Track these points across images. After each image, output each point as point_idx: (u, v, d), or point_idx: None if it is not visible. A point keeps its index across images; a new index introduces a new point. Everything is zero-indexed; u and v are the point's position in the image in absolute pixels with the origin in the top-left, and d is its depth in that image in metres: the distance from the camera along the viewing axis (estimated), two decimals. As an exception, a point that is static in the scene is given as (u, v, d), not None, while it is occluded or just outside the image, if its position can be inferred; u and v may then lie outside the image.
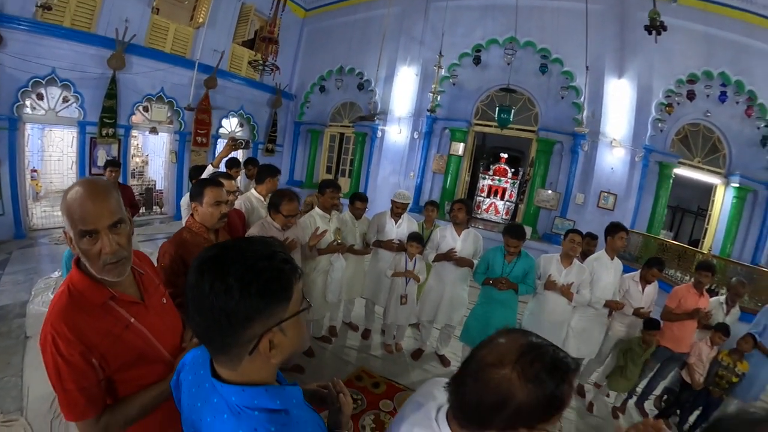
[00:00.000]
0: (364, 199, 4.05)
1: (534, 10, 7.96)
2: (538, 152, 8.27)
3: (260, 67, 8.38)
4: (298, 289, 0.80)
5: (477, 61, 8.41)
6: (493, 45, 8.34)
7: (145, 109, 7.91)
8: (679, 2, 7.52)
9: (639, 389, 4.01)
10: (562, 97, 7.99)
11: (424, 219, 4.38)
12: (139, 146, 9.89)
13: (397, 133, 9.01)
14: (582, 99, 7.72)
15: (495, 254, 3.57)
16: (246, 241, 0.82)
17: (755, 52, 7.70)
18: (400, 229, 4.04)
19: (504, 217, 9.26)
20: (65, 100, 6.77)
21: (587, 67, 7.38)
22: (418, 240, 3.79)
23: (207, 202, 2.06)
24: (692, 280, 3.90)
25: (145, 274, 1.30)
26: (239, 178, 4.60)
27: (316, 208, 3.56)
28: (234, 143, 3.42)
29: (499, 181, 9.33)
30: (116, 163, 4.48)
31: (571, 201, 7.99)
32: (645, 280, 3.80)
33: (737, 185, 8.27)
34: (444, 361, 4.06)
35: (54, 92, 6.62)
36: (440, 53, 7.90)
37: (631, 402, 4.04)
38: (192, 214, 2.13)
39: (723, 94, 7.93)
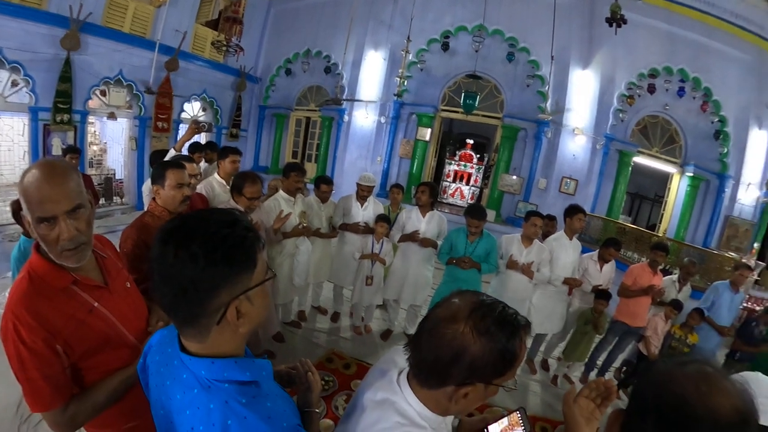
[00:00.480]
0: (329, 181, 4.03)
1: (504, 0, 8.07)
2: (502, 138, 8.44)
3: (224, 48, 8.09)
4: (262, 258, 0.79)
5: (445, 47, 8.44)
6: (461, 32, 8.39)
7: (103, 93, 7.45)
8: (645, 0, 7.83)
9: (599, 362, 4.21)
10: (528, 86, 8.17)
11: (390, 202, 4.42)
12: (97, 133, 9.26)
13: (364, 118, 8.95)
14: (547, 88, 7.90)
15: (458, 235, 3.66)
16: (208, 211, 0.82)
17: (713, 52, 8.22)
18: (366, 212, 4.04)
19: (469, 201, 9.40)
20: (14, 84, 6.31)
21: (552, 57, 7.53)
22: (385, 220, 3.86)
23: (169, 184, 2.01)
24: (647, 260, 4.13)
25: (107, 258, 1.26)
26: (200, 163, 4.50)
27: (281, 192, 3.54)
28: (197, 126, 3.30)
29: (465, 166, 9.47)
30: (75, 150, 4.28)
31: (534, 186, 8.23)
32: (603, 260, 4.01)
33: (691, 174, 8.80)
34: None
35: (2, 75, 6.14)
36: (408, 38, 7.84)
37: (593, 374, 4.25)
38: (154, 198, 2.09)
39: (681, 89, 8.38)
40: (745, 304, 4.71)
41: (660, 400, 0.67)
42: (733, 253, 8.09)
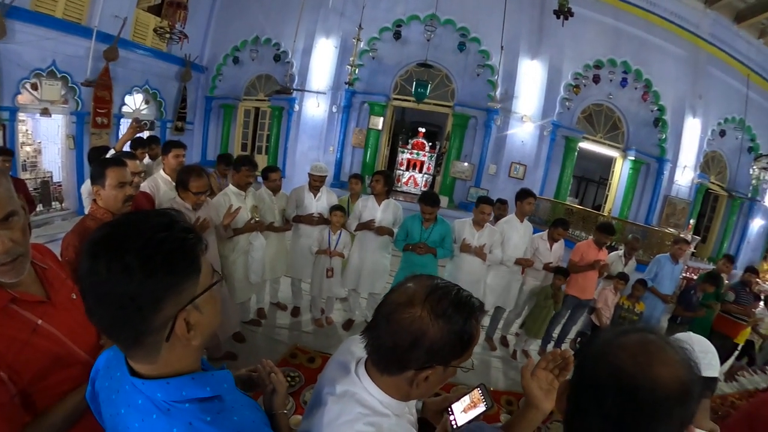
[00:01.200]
0: (276, 169, 3.91)
1: None
2: (453, 126, 8.60)
3: (167, 36, 7.64)
4: (206, 261, 0.72)
5: (397, 36, 8.42)
6: (414, 21, 8.39)
7: (34, 87, 6.62)
8: None
9: (555, 335, 4.43)
10: (478, 75, 8.33)
11: (349, 193, 4.38)
12: (29, 132, 8.24)
13: (315, 107, 8.79)
14: (497, 77, 8.11)
15: (413, 221, 3.72)
16: (140, 214, 0.71)
17: (654, 46, 8.85)
18: (319, 202, 3.96)
19: (423, 188, 9.52)
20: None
21: (502, 48, 7.76)
22: (340, 209, 3.85)
23: (110, 184, 1.89)
24: (592, 237, 4.38)
25: (48, 269, 1.12)
26: (144, 159, 4.24)
27: (231, 186, 3.40)
28: (138, 125, 3.12)
29: (418, 154, 9.55)
30: (6, 152, 3.92)
31: (485, 172, 8.48)
32: (552, 239, 4.23)
33: (633, 158, 9.40)
34: None
35: None
36: (360, 26, 7.81)
37: (550, 347, 4.44)
38: (95, 200, 1.95)
39: (624, 80, 8.92)
40: (684, 274, 5.03)
41: (598, 371, 0.67)
42: (672, 229, 8.74)
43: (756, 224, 11.47)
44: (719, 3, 8.82)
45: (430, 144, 9.66)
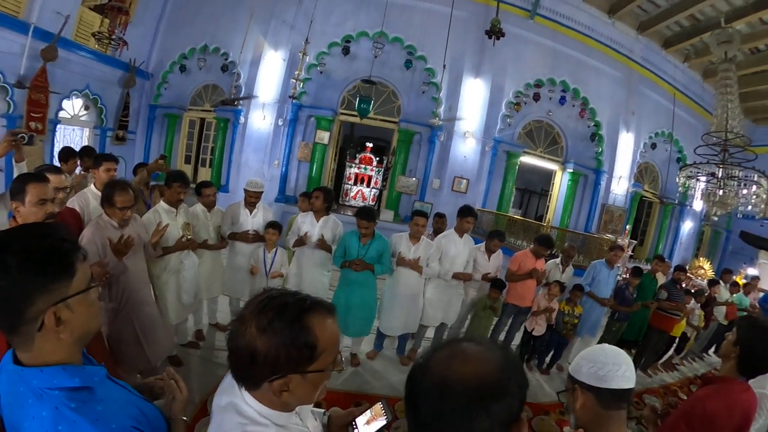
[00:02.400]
0: (209, 185, 3.85)
1: (405, 9, 8.41)
2: (399, 142, 8.76)
3: (105, 42, 7.37)
4: (83, 267, 0.83)
5: (346, 51, 8.51)
6: (363, 37, 8.53)
7: None
8: (535, 20, 8.83)
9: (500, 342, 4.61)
10: (423, 92, 8.56)
11: (299, 212, 4.37)
12: None
13: (261, 120, 8.65)
14: (441, 94, 8.42)
15: (350, 238, 3.72)
16: (27, 225, 0.90)
17: (590, 67, 9.53)
18: (255, 219, 3.92)
19: (371, 203, 9.58)
20: None
21: (444, 66, 8.04)
22: (275, 227, 3.81)
23: (30, 200, 1.83)
24: (531, 247, 4.58)
25: None
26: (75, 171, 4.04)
27: (162, 203, 3.31)
28: (14, 139, 2.67)
29: (365, 169, 9.63)
30: None
31: (429, 186, 8.68)
32: (489, 250, 4.38)
33: (572, 171, 9.92)
34: None
35: None
36: (306, 40, 7.84)
37: None
38: (14, 217, 1.91)
39: (563, 98, 9.46)
40: (624, 275, 5.43)
41: (417, 379, 0.70)
42: (610, 235, 9.27)
43: (686, 226, 12.59)
44: (650, 30, 9.62)
45: (378, 159, 9.75)
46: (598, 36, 9.47)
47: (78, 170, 4.08)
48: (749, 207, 6.72)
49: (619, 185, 10.31)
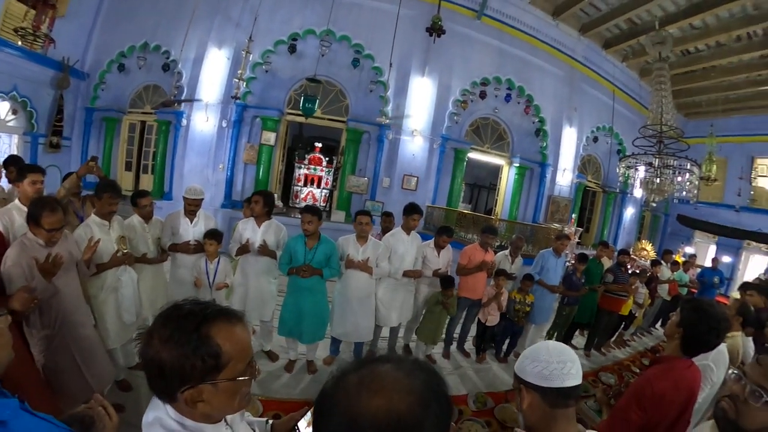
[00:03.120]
0: (145, 194, 3.63)
1: (353, 7, 8.35)
2: (347, 141, 8.69)
3: (29, 38, 6.92)
4: None
5: (292, 49, 8.32)
6: (309, 35, 8.37)
7: None
8: (482, 20, 9.05)
9: (456, 335, 4.75)
10: (371, 91, 8.54)
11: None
12: None
13: (204, 122, 8.22)
14: (388, 93, 8.43)
15: (296, 243, 3.57)
16: None
17: (534, 66, 9.91)
18: (196, 228, 3.70)
19: (322, 204, 9.41)
20: None
21: (391, 65, 8.07)
22: (214, 236, 3.58)
23: None
24: (478, 240, 4.69)
25: None
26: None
27: (93, 216, 3.06)
28: None
29: (315, 169, 9.45)
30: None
31: (379, 185, 8.67)
32: (439, 246, 4.39)
33: (518, 165, 10.27)
34: (272, 356, 3.99)
35: None
36: (250, 38, 7.62)
37: (453, 347, 4.80)
38: None
39: (508, 95, 9.75)
40: (572, 262, 5.63)
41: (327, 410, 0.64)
42: (556, 224, 9.73)
43: (628, 212, 13.51)
44: (591, 32, 10.14)
45: (327, 159, 9.62)
46: (542, 36, 9.88)
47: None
48: (684, 193, 7.11)
49: (564, 177, 10.85)
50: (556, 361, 1.09)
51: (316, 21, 8.25)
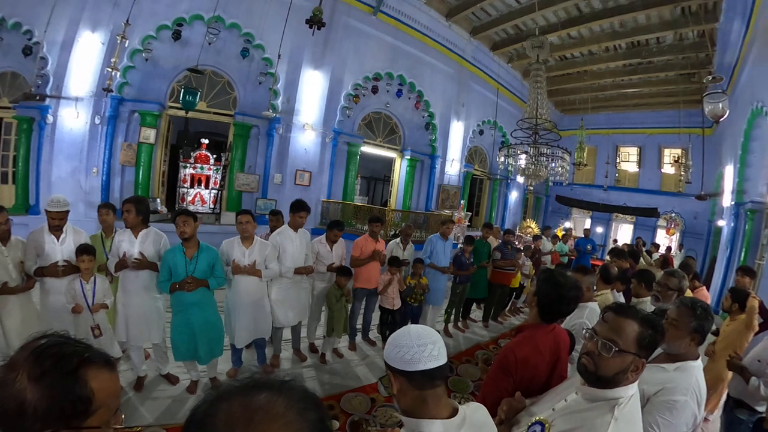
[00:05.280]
0: None
1: None
2: (235, 136, 8.27)
3: None
4: None
5: (177, 36, 7.57)
6: (197, 21, 7.64)
7: None
8: (378, 17, 9.30)
9: (359, 326, 4.93)
10: (260, 83, 8.27)
11: (102, 227, 3.83)
12: None
13: (74, 118, 7.02)
14: (278, 85, 8.28)
15: (174, 255, 3.30)
16: None
17: (426, 63, 10.50)
18: (64, 246, 3.29)
19: (211, 206, 8.87)
20: None
21: (279, 56, 7.83)
22: (86, 252, 3.19)
23: None
24: (368, 231, 4.82)
25: None
26: None
27: None
28: None
29: (202, 168, 8.80)
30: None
31: (270, 181, 8.44)
32: (330, 241, 4.48)
33: (409, 157, 10.91)
34: (171, 379, 3.67)
35: None
36: (127, 21, 6.67)
37: (358, 338, 4.99)
38: None
39: (399, 91, 10.26)
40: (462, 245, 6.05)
41: None
42: (447, 211, 10.71)
43: (513, 196, 15.26)
44: (481, 34, 11.08)
45: (215, 156, 8.92)
46: (435, 36, 10.50)
47: None
48: (557, 177, 7.99)
49: (453, 167, 11.80)
50: (416, 345, 1.11)
51: (205, 6, 7.59)
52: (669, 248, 12.21)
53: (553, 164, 7.72)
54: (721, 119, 6.35)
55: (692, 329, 1.82)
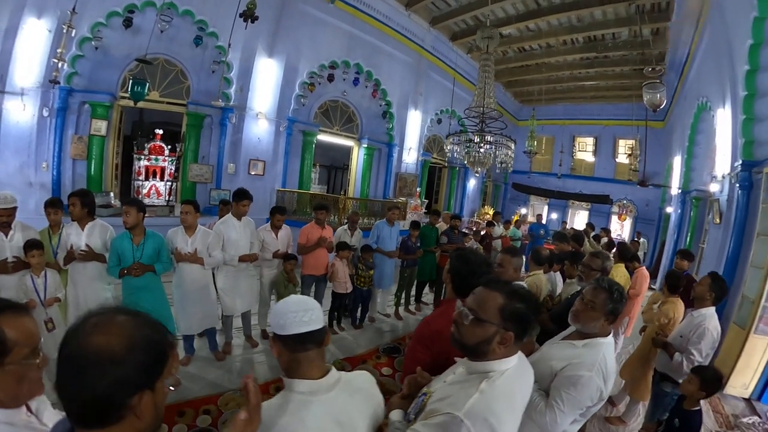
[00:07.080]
0: None
1: None
2: (189, 126, 8.15)
3: None
4: None
5: (128, 23, 7.39)
6: (149, 7, 7.41)
7: None
8: (336, 4, 9.30)
9: None
10: (213, 71, 8.16)
11: (48, 225, 3.78)
12: None
13: (20, 111, 6.65)
14: (232, 74, 8.26)
15: (121, 242, 3.49)
16: None
17: (383, 52, 10.57)
18: (13, 242, 3.35)
19: (167, 198, 8.62)
20: None
21: (230, 45, 7.71)
22: (34, 246, 3.25)
23: None
24: (314, 219, 4.87)
25: None
26: None
27: None
28: None
29: (156, 160, 8.51)
30: None
31: (224, 172, 8.42)
32: (275, 227, 4.55)
33: (367, 146, 11.13)
34: None
35: None
36: (74, 9, 6.50)
37: None
38: None
39: (356, 79, 10.36)
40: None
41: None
42: (404, 198, 11.07)
43: (471, 184, 15.64)
44: (440, 24, 11.23)
45: (170, 147, 8.65)
46: (394, 25, 10.59)
47: None
48: (502, 164, 8.20)
49: (410, 155, 12.09)
50: (291, 312, 1.21)
51: (158, -9, 7.37)
52: (619, 234, 12.92)
53: (499, 152, 7.93)
54: (659, 108, 6.82)
55: (608, 311, 1.88)
